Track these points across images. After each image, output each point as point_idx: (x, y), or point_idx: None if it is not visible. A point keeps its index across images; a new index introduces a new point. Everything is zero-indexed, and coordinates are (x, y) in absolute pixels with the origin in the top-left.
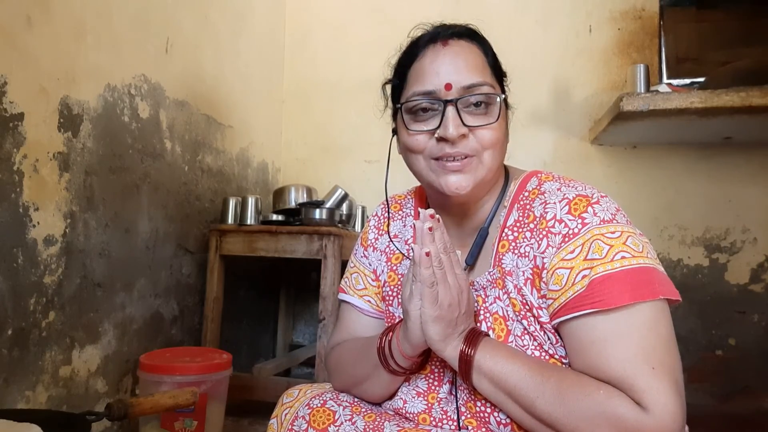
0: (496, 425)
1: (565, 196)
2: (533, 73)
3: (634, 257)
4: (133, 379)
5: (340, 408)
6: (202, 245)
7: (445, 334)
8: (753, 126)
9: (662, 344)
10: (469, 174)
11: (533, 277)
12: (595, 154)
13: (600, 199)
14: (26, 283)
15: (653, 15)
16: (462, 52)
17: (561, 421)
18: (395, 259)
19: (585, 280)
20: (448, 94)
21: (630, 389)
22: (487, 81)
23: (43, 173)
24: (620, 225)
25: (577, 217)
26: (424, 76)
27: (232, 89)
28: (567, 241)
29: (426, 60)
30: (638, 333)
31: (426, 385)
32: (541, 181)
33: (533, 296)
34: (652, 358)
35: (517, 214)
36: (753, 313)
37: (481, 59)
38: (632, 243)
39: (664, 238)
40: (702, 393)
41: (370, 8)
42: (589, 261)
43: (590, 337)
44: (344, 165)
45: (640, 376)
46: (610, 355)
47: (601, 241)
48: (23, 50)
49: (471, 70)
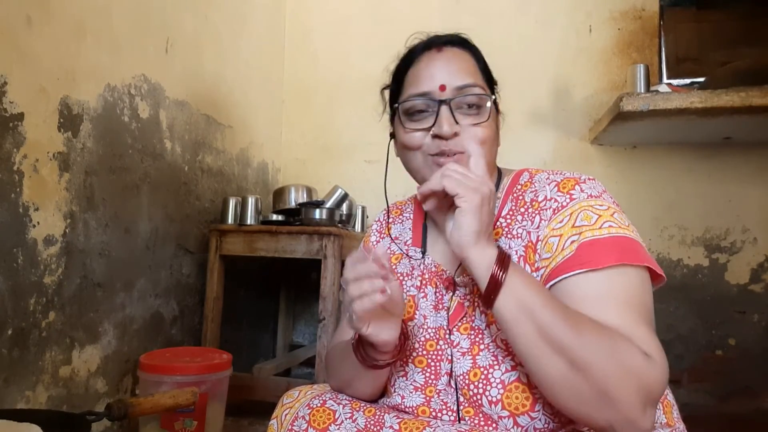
0: (488, 404)
1: (554, 180)
2: (533, 73)
3: (621, 228)
4: (133, 379)
5: (339, 407)
6: (202, 245)
7: (479, 230)
8: (753, 126)
9: (647, 307)
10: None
11: (526, 252)
12: (595, 154)
13: (587, 180)
14: (26, 283)
15: (653, 15)
16: (455, 58)
17: (575, 349)
18: (395, 259)
19: (574, 244)
20: (442, 94)
21: (631, 338)
22: (478, 83)
23: (43, 173)
24: (607, 202)
25: (566, 194)
26: (420, 79)
27: (232, 89)
28: (556, 212)
29: (421, 65)
30: (627, 291)
31: (423, 379)
32: (532, 174)
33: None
34: (643, 315)
35: (510, 204)
36: (753, 313)
37: (472, 64)
38: (619, 217)
39: (664, 238)
40: (702, 393)
41: (370, 8)
42: (578, 228)
43: (581, 293)
44: (344, 165)
45: (636, 327)
46: (604, 307)
47: (590, 210)
48: (23, 50)
49: (463, 73)
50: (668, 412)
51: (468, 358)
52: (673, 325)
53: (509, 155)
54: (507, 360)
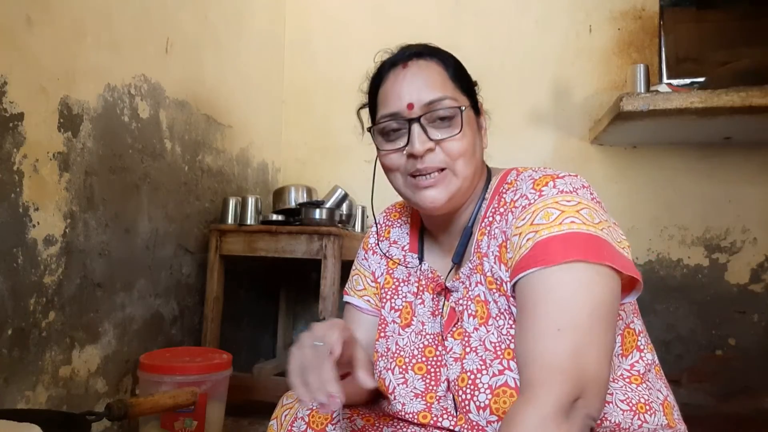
0: (475, 411)
1: (532, 177)
2: (533, 73)
3: (585, 224)
4: (133, 379)
5: (339, 408)
6: (202, 245)
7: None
8: (753, 126)
9: (585, 307)
10: (442, 187)
11: (500, 252)
12: (595, 154)
13: (566, 176)
14: (26, 283)
15: (653, 15)
16: (420, 72)
17: None
18: (392, 264)
19: (529, 242)
20: (411, 113)
21: (524, 375)
22: (447, 95)
23: (43, 173)
24: (579, 197)
25: (537, 191)
26: (388, 98)
27: (232, 89)
28: (524, 210)
29: (389, 83)
30: (562, 291)
31: (423, 386)
32: (519, 172)
33: (501, 271)
34: (561, 319)
35: (495, 204)
36: (753, 313)
37: (440, 75)
38: (587, 214)
39: (664, 238)
40: (702, 393)
41: (370, 8)
42: (535, 225)
43: (531, 293)
44: (344, 165)
45: (559, 353)
46: (526, 326)
47: (553, 208)
48: (23, 50)
49: (430, 87)
50: (669, 413)
51: (459, 363)
52: (673, 325)
53: (509, 155)
54: (495, 364)
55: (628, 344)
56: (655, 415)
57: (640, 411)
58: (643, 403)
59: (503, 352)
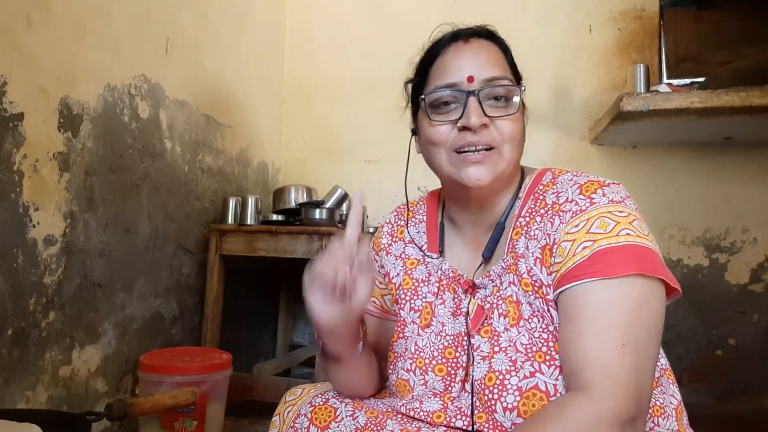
0: (501, 411)
1: (577, 182)
2: (533, 73)
3: (639, 237)
4: (133, 379)
5: (342, 405)
6: (202, 245)
7: None
8: (753, 126)
9: (644, 325)
10: (489, 166)
11: (543, 255)
12: (595, 154)
13: (611, 184)
14: (26, 283)
15: (653, 15)
16: (483, 49)
17: None
18: (410, 264)
19: (586, 251)
20: (470, 85)
21: (581, 376)
22: (507, 75)
23: (43, 173)
24: (629, 208)
25: (587, 197)
26: (447, 70)
27: (232, 89)
28: (574, 216)
29: (449, 56)
30: (630, 307)
31: (443, 386)
32: (555, 175)
33: (543, 274)
34: (635, 337)
35: (530, 204)
36: (753, 313)
37: (500, 57)
38: (638, 225)
39: (664, 238)
40: (702, 393)
41: (370, 7)
42: (592, 234)
43: (585, 303)
44: (344, 165)
45: (609, 360)
46: (585, 332)
47: (608, 217)
48: (23, 50)
49: (492, 65)
50: (680, 419)
51: (486, 362)
52: (673, 325)
53: None
54: (526, 365)
55: None
56: (668, 420)
57: (655, 414)
58: (659, 407)
59: (534, 354)
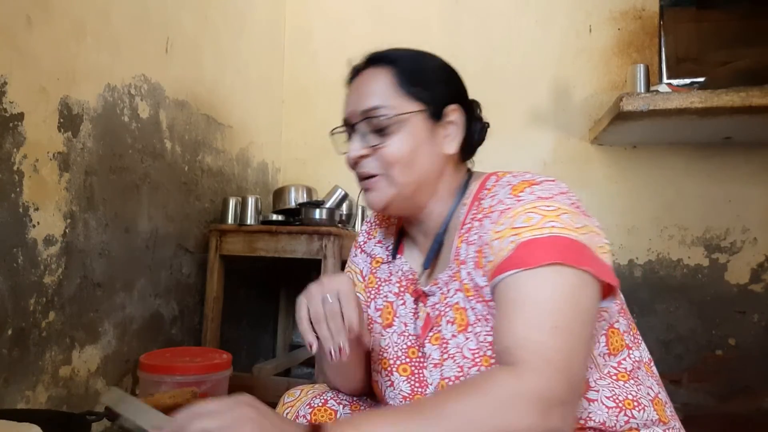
0: None
1: (510, 182)
2: (533, 73)
3: (566, 228)
4: (133, 379)
5: (340, 407)
6: (202, 245)
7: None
8: (753, 126)
9: (576, 311)
10: (377, 192)
11: (478, 258)
12: (595, 154)
13: (544, 182)
14: (26, 283)
15: (653, 15)
16: (365, 81)
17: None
18: (375, 263)
19: (512, 245)
20: (351, 120)
21: (510, 354)
22: (382, 104)
23: (43, 173)
24: (559, 203)
25: (515, 196)
26: (345, 106)
27: (232, 89)
28: (501, 215)
29: (348, 92)
30: (554, 295)
31: (409, 388)
32: (498, 178)
33: (479, 276)
34: (563, 322)
35: (474, 210)
36: (753, 313)
37: (385, 83)
38: (568, 218)
39: (664, 238)
40: (702, 393)
41: (370, 8)
42: (517, 228)
43: (511, 295)
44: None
45: (539, 339)
46: (515, 317)
47: (533, 212)
48: (23, 50)
49: (369, 96)
50: (660, 409)
51: (438, 370)
52: (673, 325)
53: (509, 155)
54: (473, 371)
55: (616, 343)
56: (643, 411)
57: (626, 407)
58: (631, 399)
59: (481, 359)
